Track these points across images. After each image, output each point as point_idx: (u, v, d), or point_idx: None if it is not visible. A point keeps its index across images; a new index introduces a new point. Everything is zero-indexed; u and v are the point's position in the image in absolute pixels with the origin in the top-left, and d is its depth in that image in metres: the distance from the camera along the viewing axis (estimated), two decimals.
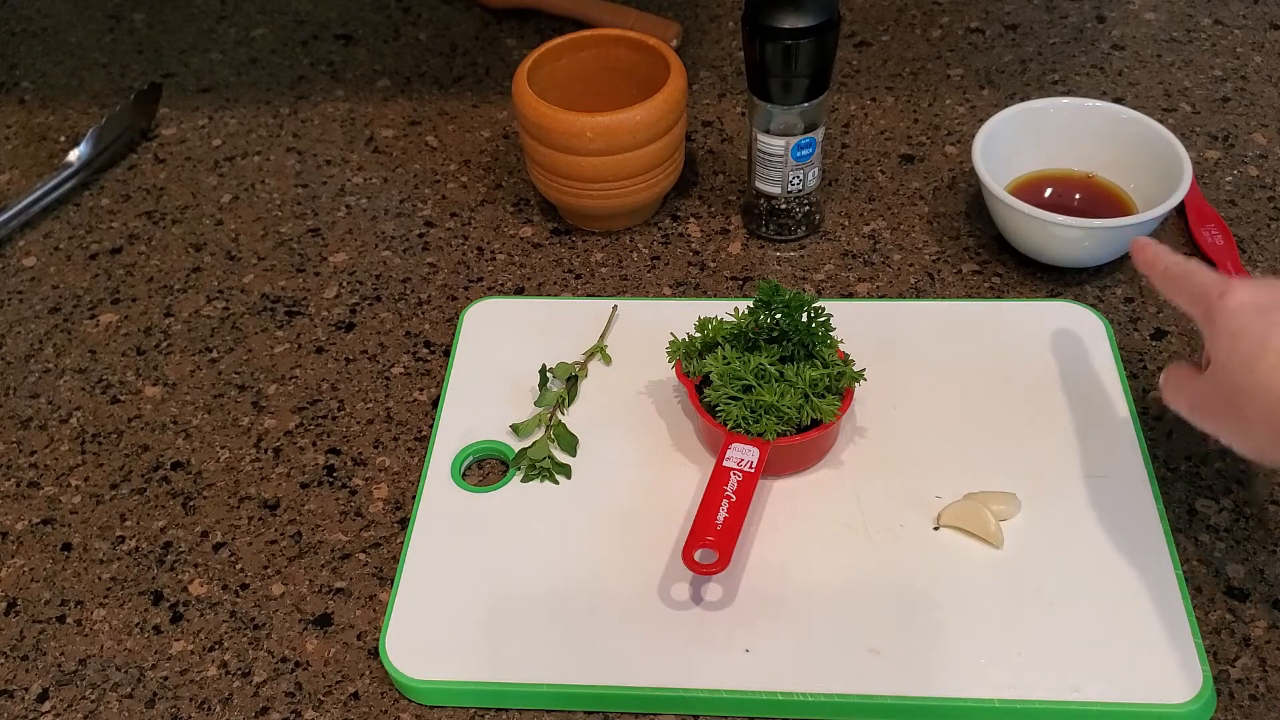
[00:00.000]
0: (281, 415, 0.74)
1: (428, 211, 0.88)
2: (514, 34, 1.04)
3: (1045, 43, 0.99)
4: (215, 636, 0.63)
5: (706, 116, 0.94)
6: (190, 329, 0.80)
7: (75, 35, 1.09)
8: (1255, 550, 0.63)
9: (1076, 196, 0.81)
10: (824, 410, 0.64)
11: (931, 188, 0.86)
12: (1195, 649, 0.58)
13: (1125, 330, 0.75)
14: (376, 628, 0.63)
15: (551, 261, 0.83)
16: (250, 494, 0.70)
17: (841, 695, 0.58)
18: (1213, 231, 0.80)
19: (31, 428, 0.75)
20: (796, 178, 0.79)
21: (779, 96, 0.75)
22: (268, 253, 0.85)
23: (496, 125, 0.95)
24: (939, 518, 0.64)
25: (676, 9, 1.05)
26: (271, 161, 0.93)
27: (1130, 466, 0.66)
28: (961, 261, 0.80)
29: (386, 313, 0.80)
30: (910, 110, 0.93)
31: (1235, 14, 1.00)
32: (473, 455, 0.70)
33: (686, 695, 0.58)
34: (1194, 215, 0.81)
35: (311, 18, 1.08)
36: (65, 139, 0.97)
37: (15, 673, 0.63)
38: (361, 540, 0.67)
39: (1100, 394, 0.70)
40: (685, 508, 0.66)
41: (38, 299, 0.83)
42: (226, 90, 1.01)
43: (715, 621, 0.61)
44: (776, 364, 0.65)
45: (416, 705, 0.60)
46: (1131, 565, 0.62)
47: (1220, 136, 0.89)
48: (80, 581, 0.66)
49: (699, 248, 0.83)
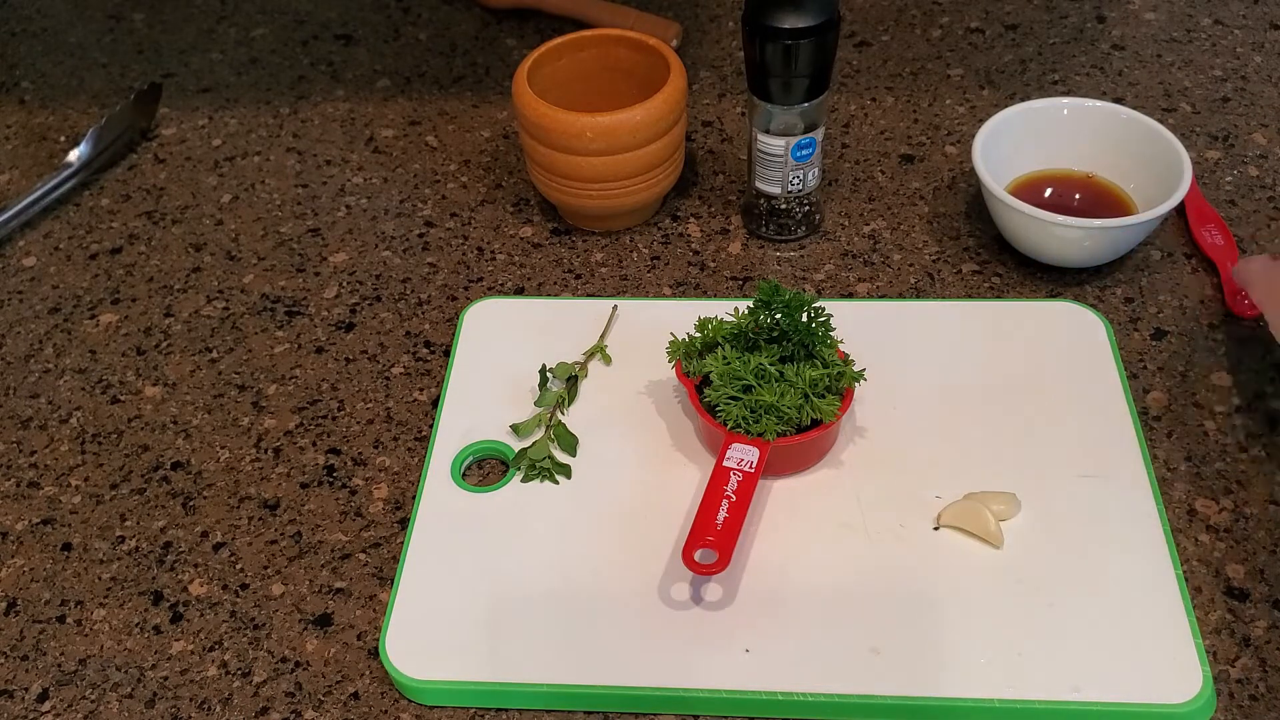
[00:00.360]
0: (281, 415, 0.74)
1: (428, 211, 0.88)
2: (514, 34, 1.04)
3: (1045, 43, 0.99)
4: (215, 636, 0.63)
5: (706, 116, 0.94)
6: (190, 329, 0.80)
7: (75, 35, 1.09)
8: (1255, 550, 0.63)
9: (1076, 196, 0.81)
10: (824, 410, 0.64)
11: (931, 188, 0.86)
12: (1195, 649, 0.58)
13: (1125, 330, 0.75)
14: (376, 628, 0.63)
15: (551, 261, 0.83)
16: (250, 494, 0.70)
17: (841, 695, 0.58)
18: (1212, 231, 0.80)
19: (31, 428, 0.75)
20: (796, 178, 0.79)
21: (779, 96, 0.75)
22: (268, 253, 0.85)
23: (496, 125, 0.95)
24: (939, 518, 0.64)
25: (676, 9, 1.05)
26: (271, 161, 0.93)
27: (1130, 466, 0.66)
28: (961, 261, 0.80)
29: (386, 313, 0.80)
30: (910, 110, 0.93)
31: (1235, 14, 1.00)
32: (473, 455, 0.70)
33: (686, 695, 0.58)
34: (1194, 215, 0.81)
35: (311, 18, 1.08)
36: (65, 139, 0.97)
37: (15, 673, 0.63)
38: (361, 540, 0.67)
39: (1100, 394, 0.70)
40: (685, 508, 0.66)
41: (38, 299, 0.83)
42: (226, 90, 1.01)
43: (715, 621, 0.61)
44: (776, 364, 0.65)
45: (416, 705, 0.60)
46: (1131, 565, 0.62)
47: (1220, 136, 0.89)
48: (80, 581, 0.66)
49: (699, 248, 0.83)
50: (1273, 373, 0.72)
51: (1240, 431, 0.69)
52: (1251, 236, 0.80)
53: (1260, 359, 0.73)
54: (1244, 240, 0.80)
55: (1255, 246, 0.80)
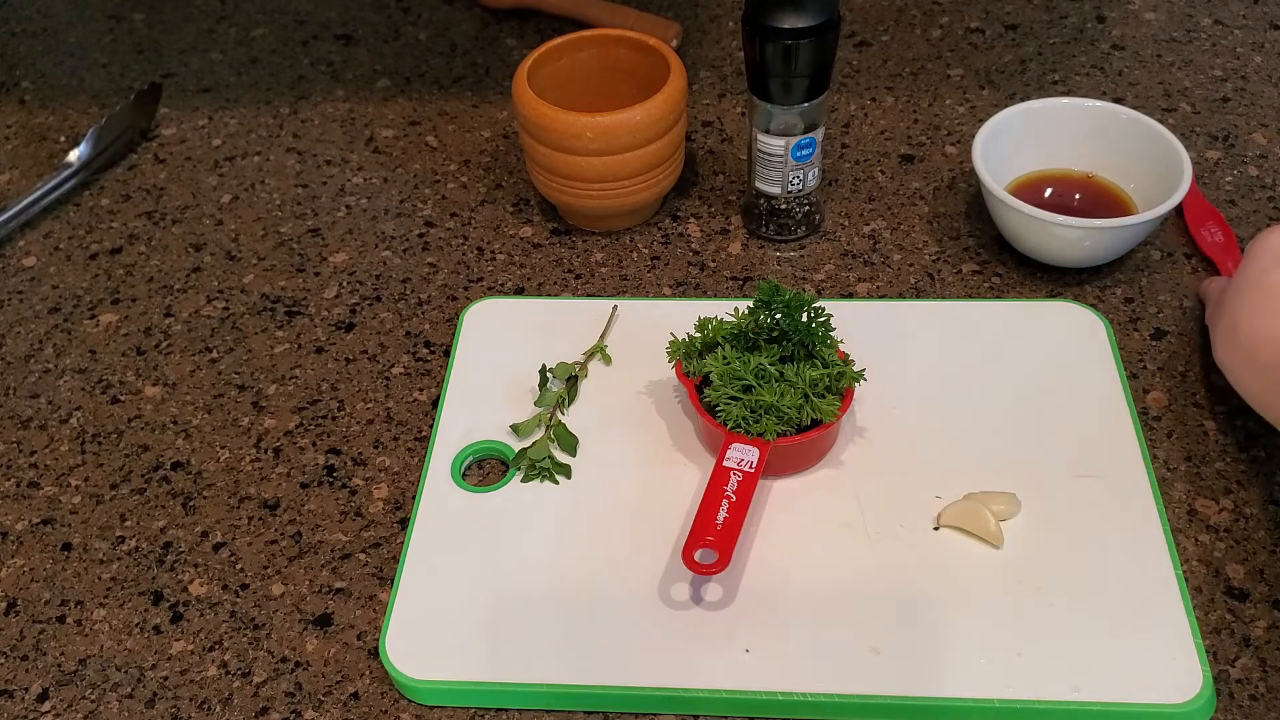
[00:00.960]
0: (281, 415, 0.74)
1: (428, 211, 0.88)
2: (514, 34, 1.04)
3: (1045, 43, 0.99)
4: (215, 636, 0.63)
5: (706, 116, 0.94)
6: (190, 329, 0.80)
7: (75, 35, 1.09)
8: (1255, 550, 0.63)
9: (1076, 196, 0.81)
10: (824, 410, 0.64)
11: (931, 188, 0.86)
12: (1195, 649, 0.58)
13: (1125, 330, 0.75)
14: (376, 628, 0.63)
15: (551, 261, 0.83)
16: (250, 494, 0.70)
17: (841, 695, 0.58)
18: (1213, 230, 0.80)
19: (31, 428, 0.75)
20: (796, 178, 0.79)
21: (779, 96, 0.75)
22: (268, 253, 0.85)
23: (496, 125, 0.95)
24: (939, 518, 0.64)
25: (676, 9, 1.05)
26: (271, 161, 0.93)
27: (1130, 466, 0.66)
28: (961, 261, 0.80)
29: (386, 313, 0.80)
30: (910, 110, 0.93)
31: (1235, 14, 1.00)
32: (473, 455, 0.70)
33: (686, 695, 0.58)
34: (1192, 217, 0.81)
35: (311, 18, 1.08)
36: (65, 139, 0.97)
37: (15, 673, 0.63)
38: (361, 540, 0.67)
39: (1100, 394, 0.70)
40: (685, 508, 0.66)
41: (38, 299, 0.83)
42: (226, 90, 1.01)
43: (715, 621, 0.61)
44: (776, 364, 0.65)
45: (416, 705, 0.60)
46: (1131, 565, 0.62)
47: (1220, 136, 0.89)
48: (80, 581, 0.66)
49: (699, 248, 0.83)
50: None
51: (1240, 431, 0.69)
52: (1251, 236, 0.80)
53: None
54: (1244, 240, 0.80)
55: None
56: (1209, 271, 0.78)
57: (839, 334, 0.67)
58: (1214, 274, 0.78)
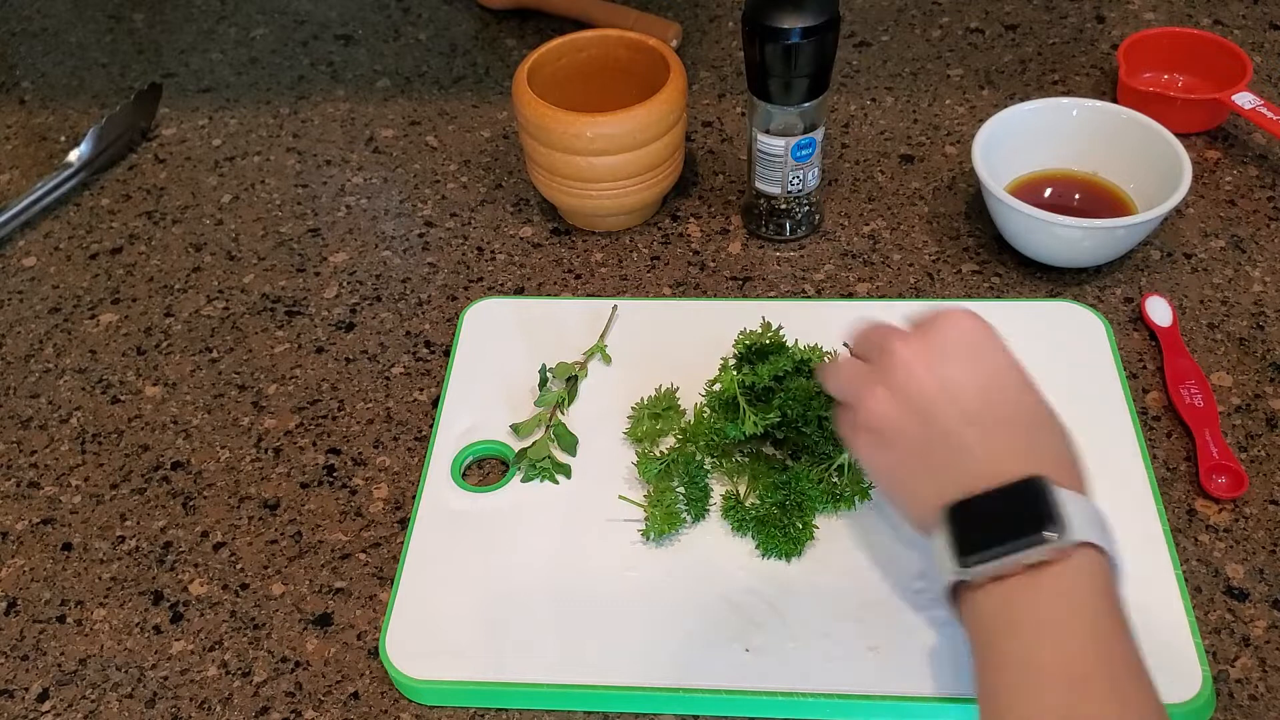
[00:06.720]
0: (281, 415, 0.74)
1: (428, 211, 0.88)
2: (514, 34, 1.04)
3: (1045, 43, 0.99)
4: (215, 636, 0.63)
5: (706, 116, 0.94)
6: (190, 329, 0.80)
7: (75, 35, 1.09)
8: (1255, 550, 0.63)
9: (1076, 196, 0.81)
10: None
11: (931, 188, 0.86)
12: (1195, 649, 0.58)
13: (1125, 330, 0.75)
14: (376, 628, 0.63)
15: (551, 261, 0.83)
16: (250, 494, 0.70)
17: (841, 695, 0.58)
18: (1192, 390, 0.70)
19: (31, 428, 0.75)
20: (796, 178, 0.79)
21: (779, 96, 0.75)
22: (268, 253, 0.85)
23: (496, 125, 0.95)
24: None
25: (676, 9, 1.05)
26: (271, 161, 0.93)
27: (1130, 466, 0.66)
28: (961, 261, 0.80)
29: (386, 313, 0.80)
30: (910, 110, 0.93)
31: (1235, 14, 1.00)
32: (473, 455, 0.70)
33: (686, 695, 0.58)
34: (1173, 372, 0.72)
35: (311, 18, 1.08)
36: (65, 139, 0.97)
37: (15, 673, 0.63)
38: (361, 540, 0.67)
39: (1100, 394, 0.70)
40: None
41: (38, 299, 0.83)
42: (226, 90, 1.01)
43: (715, 621, 0.61)
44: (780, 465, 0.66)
45: (416, 705, 0.60)
46: (1131, 565, 0.62)
47: (1220, 136, 0.89)
48: (80, 581, 0.66)
49: (699, 248, 0.83)
50: (1273, 373, 0.72)
51: (1240, 431, 0.69)
52: (1251, 236, 0.80)
53: (1260, 359, 0.73)
54: (1244, 240, 0.80)
55: (1255, 247, 0.80)
56: (1209, 271, 0.78)
57: (838, 334, 0.67)
58: (1190, 443, 0.69)
